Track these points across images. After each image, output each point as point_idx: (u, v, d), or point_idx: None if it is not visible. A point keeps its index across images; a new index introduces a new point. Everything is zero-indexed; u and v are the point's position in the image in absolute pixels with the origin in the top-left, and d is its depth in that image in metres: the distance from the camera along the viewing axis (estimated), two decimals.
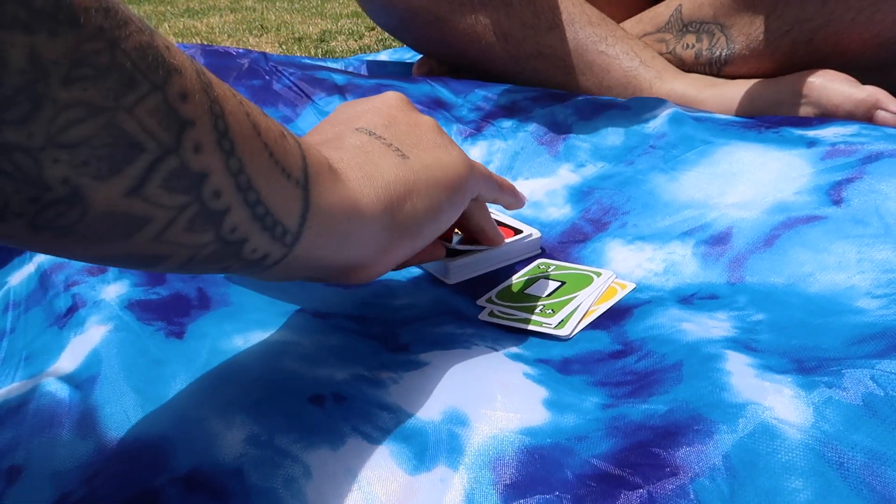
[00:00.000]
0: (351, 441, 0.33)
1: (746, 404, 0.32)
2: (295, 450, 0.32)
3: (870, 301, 0.40)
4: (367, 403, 0.36)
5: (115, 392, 0.35)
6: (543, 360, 0.40)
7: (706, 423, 0.32)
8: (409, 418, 0.35)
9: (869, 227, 0.44)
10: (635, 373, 0.38)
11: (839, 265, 0.43)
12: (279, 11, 2.44)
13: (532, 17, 0.72)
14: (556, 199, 0.59)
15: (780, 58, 0.67)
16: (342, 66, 0.90)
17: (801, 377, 0.34)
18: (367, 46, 1.71)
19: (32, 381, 0.38)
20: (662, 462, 0.30)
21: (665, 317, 0.43)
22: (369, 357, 0.40)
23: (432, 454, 0.33)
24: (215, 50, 0.80)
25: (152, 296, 0.44)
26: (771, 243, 0.46)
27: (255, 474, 0.31)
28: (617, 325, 0.44)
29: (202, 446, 0.32)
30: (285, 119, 0.70)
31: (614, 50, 0.72)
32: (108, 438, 0.33)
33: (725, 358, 0.36)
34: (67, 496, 0.31)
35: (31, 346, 0.41)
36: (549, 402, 0.36)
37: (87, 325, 0.41)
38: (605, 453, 0.32)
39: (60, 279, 0.45)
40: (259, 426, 0.33)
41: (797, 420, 0.31)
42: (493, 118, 0.67)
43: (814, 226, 0.46)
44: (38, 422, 0.35)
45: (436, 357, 0.39)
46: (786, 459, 0.30)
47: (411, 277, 0.52)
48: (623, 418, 0.34)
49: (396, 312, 0.46)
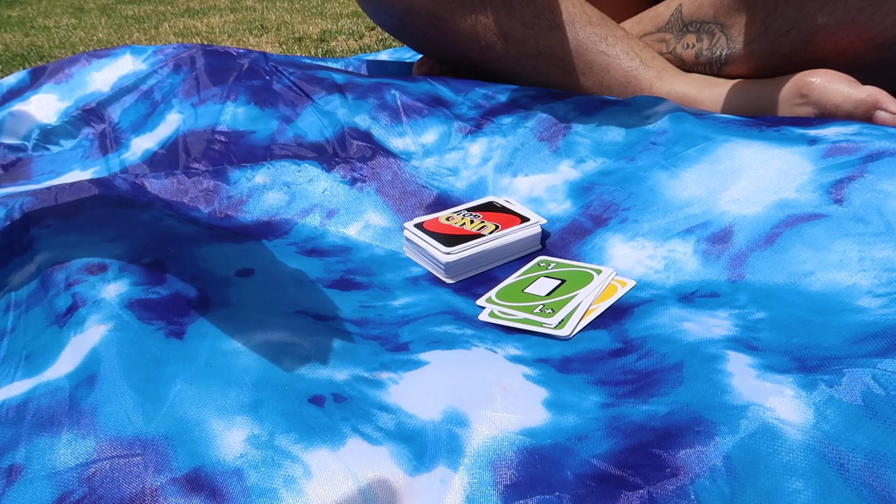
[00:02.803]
0: (351, 441, 0.33)
1: (747, 406, 0.32)
2: (295, 450, 0.32)
3: (871, 300, 0.40)
4: (366, 404, 0.35)
5: (114, 391, 0.35)
6: (543, 359, 0.40)
7: (707, 424, 0.32)
8: (409, 419, 0.35)
9: (870, 225, 0.44)
10: (636, 372, 0.38)
11: (840, 263, 0.43)
12: (279, 11, 2.44)
13: (532, 17, 0.72)
14: (557, 195, 0.58)
15: (781, 58, 0.67)
16: (342, 65, 0.90)
17: (802, 376, 0.33)
18: (368, 46, 1.71)
19: (33, 380, 0.38)
20: (663, 463, 0.30)
21: (666, 316, 0.42)
22: (369, 358, 0.40)
23: (432, 455, 0.33)
24: (215, 50, 0.80)
25: (152, 295, 0.44)
26: (772, 241, 0.46)
27: (255, 474, 0.31)
28: (617, 324, 0.44)
29: (202, 446, 0.32)
30: (286, 119, 0.70)
31: (614, 50, 0.72)
32: (108, 438, 0.33)
33: (727, 359, 0.36)
34: (67, 495, 0.31)
35: (31, 345, 0.41)
36: (549, 402, 0.36)
37: (87, 325, 0.40)
38: (605, 453, 0.32)
39: (61, 278, 0.45)
40: (259, 426, 0.33)
41: (798, 420, 0.31)
42: (493, 115, 0.67)
43: (815, 224, 0.46)
44: (38, 421, 0.35)
45: (435, 357, 0.39)
46: (786, 460, 0.30)
47: (411, 277, 0.52)
48: (623, 418, 0.34)
49: (396, 312, 0.46)
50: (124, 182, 0.60)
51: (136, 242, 0.50)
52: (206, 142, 0.69)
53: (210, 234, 0.54)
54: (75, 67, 0.85)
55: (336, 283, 0.50)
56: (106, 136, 0.76)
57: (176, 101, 0.74)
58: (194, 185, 0.61)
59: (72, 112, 0.80)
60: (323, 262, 0.53)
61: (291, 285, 0.48)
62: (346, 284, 0.50)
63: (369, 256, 0.55)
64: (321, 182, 0.62)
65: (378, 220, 0.59)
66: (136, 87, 0.80)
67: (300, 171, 0.62)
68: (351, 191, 0.61)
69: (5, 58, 1.72)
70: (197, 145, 0.69)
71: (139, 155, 0.72)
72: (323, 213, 0.59)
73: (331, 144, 0.67)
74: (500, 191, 0.61)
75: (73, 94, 0.83)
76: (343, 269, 0.52)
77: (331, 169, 0.63)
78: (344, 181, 0.62)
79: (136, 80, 0.80)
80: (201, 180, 0.62)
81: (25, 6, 2.87)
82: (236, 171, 0.62)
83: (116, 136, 0.75)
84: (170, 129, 0.72)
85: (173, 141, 0.71)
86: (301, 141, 0.68)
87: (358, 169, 0.63)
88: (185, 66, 0.78)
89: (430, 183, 0.62)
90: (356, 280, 0.51)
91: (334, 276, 0.51)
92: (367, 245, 0.56)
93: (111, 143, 0.75)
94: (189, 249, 0.51)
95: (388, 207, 0.60)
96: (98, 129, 0.78)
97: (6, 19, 2.51)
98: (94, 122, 0.79)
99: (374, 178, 0.62)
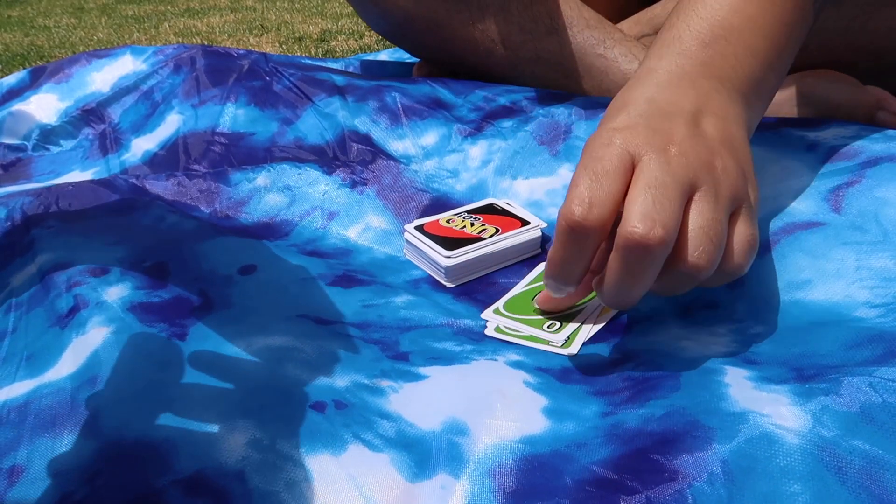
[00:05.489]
0: (352, 448, 0.33)
1: (745, 412, 0.32)
2: (296, 455, 0.33)
3: (868, 310, 0.40)
4: (367, 411, 0.36)
5: (116, 394, 0.36)
6: (543, 368, 0.40)
7: (704, 429, 0.32)
8: (410, 427, 0.35)
9: (868, 233, 0.44)
10: (632, 378, 0.38)
11: (838, 273, 0.43)
12: (279, 11, 2.44)
13: (530, 21, 0.72)
14: (557, 199, 0.59)
15: None
16: (342, 66, 0.90)
17: (799, 386, 0.34)
18: (368, 46, 1.71)
19: (34, 381, 0.38)
20: (661, 467, 0.31)
21: (665, 335, 0.43)
22: (370, 365, 0.40)
23: (433, 463, 0.33)
24: (216, 51, 0.80)
25: (154, 298, 0.44)
26: (770, 249, 0.46)
27: (257, 477, 0.31)
28: (616, 339, 0.44)
29: (204, 449, 0.33)
30: (286, 121, 0.70)
31: (613, 53, 0.72)
32: (110, 440, 0.33)
33: (724, 372, 0.36)
34: (68, 497, 0.31)
35: (32, 346, 0.41)
36: (549, 410, 0.36)
37: (88, 327, 0.41)
38: (603, 459, 0.32)
39: (62, 280, 0.45)
40: (261, 431, 0.34)
41: (795, 426, 0.31)
42: (493, 118, 0.67)
43: (813, 232, 0.46)
44: (40, 422, 0.35)
45: (435, 372, 0.40)
46: (784, 464, 0.30)
47: (411, 279, 0.52)
48: (622, 425, 0.34)
49: (398, 312, 0.46)
50: (125, 183, 0.60)
51: (138, 246, 0.50)
52: (206, 143, 0.69)
53: (213, 230, 0.55)
54: (75, 67, 0.85)
55: (339, 279, 0.50)
56: (106, 136, 0.76)
57: (176, 101, 0.74)
58: (195, 187, 0.61)
59: (72, 112, 0.80)
60: (324, 262, 0.53)
61: (294, 284, 0.48)
62: (349, 281, 0.50)
63: (369, 260, 0.55)
64: (321, 185, 0.62)
65: (378, 222, 0.59)
66: (137, 87, 0.80)
67: (301, 173, 0.63)
68: (351, 194, 0.61)
69: (5, 58, 1.71)
70: (197, 147, 0.69)
71: (139, 156, 0.72)
72: (323, 215, 0.60)
73: (331, 147, 0.67)
74: (500, 193, 0.61)
75: (73, 94, 0.83)
76: (344, 269, 0.52)
77: (331, 172, 0.63)
78: (344, 184, 0.62)
79: (137, 80, 0.80)
80: (202, 182, 0.62)
81: (25, 6, 2.87)
82: (237, 174, 0.63)
83: (116, 137, 0.75)
84: (170, 130, 0.72)
85: (173, 142, 0.71)
86: (301, 143, 0.68)
87: (358, 172, 0.63)
88: (186, 67, 0.78)
89: (429, 185, 0.62)
90: (359, 277, 0.51)
91: (337, 273, 0.51)
92: (367, 248, 0.57)
93: (111, 144, 0.75)
94: (191, 247, 0.51)
95: (389, 210, 0.60)
96: (98, 129, 0.78)
97: (6, 19, 2.50)
98: (94, 123, 0.79)
99: (375, 181, 0.62)
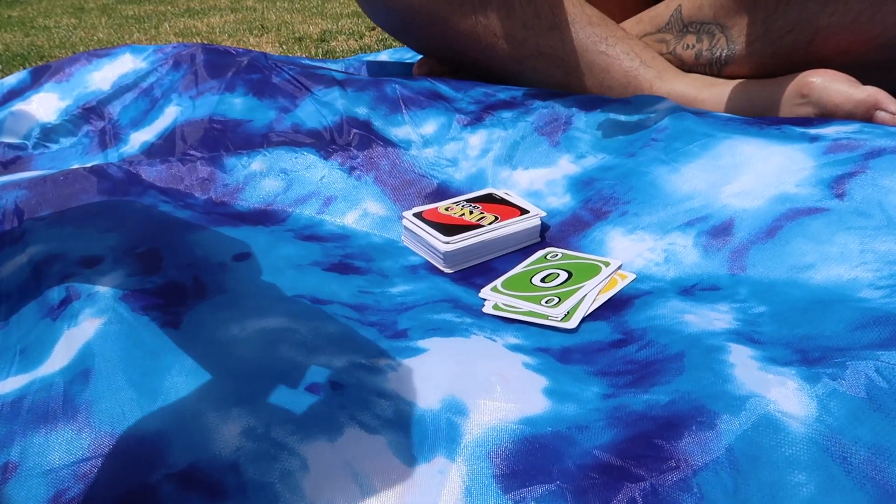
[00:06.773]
0: (349, 431, 0.33)
1: (750, 396, 0.32)
2: (292, 442, 0.32)
3: (872, 292, 0.39)
4: (365, 391, 0.35)
5: (109, 386, 0.35)
6: (543, 349, 0.40)
7: (709, 414, 0.31)
8: (408, 406, 0.34)
9: (871, 219, 0.44)
10: (636, 362, 0.38)
11: (841, 256, 0.42)
12: (280, 11, 2.44)
13: (532, 17, 0.71)
14: (556, 189, 0.58)
15: (781, 58, 0.66)
16: (342, 66, 0.90)
17: (805, 369, 0.33)
18: (368, 46, 1.70)
19: (28, 375, 0.38)
20: (665, 454, 0.30)
21: (666, 308, 0.42)
22: (367, 344, 0.39)
23: (431, 444, 0.32)
24: (215, 49, 0.80)
25: (148, 285, 0.43)
26: (773, 234, 0.46)
27: (252, 469, 0.31)
28: (617, 316, 0.43)
29: (198, 441, 0.32)
30: (284, 109, 0.69)
31: (615, 50, 0.71)
32: (104, 434, 0.33)
33: (728, 350, 0.36)
34: (62, 493, 0.30)
35: (25, 339, 0.41)
36: (549, 390, 0.35)
37: (80, 318, 0.40)
38: (607, 444, 0.31)
39: (55, 271, 0.45)
40: (255, 418, 0.33)
41: (801, 413, 0.31)
42: (493, 109, 0.67)
43: (816, 217, 0.45)
44: (33, 417, 0.34)
45: (434, 344, 0.39)
46: (789, 453, 0.29)
47: (409, 265, 0.51)
48: (624, 408, 0.33)
49: (394, 299, 0.46)
50: (119, 170, 0.60)
51: (131, 232, 0.49)
52: (202, 129, 0.69)
53: (206, 218, 0.54)
54: (76, 67, 0.85)
55: (335, 266, 0.49)
56: (105, 132, 0.76)
57: (175, 95, 0.74)
58: (189, 173, 0.61)
59: (72, 111, 0.80)
60: (321, 247, 0.53)
61: (289, 269, 0.48)
62: (345, 268, 0.49)
63: (367, 245, 0.54)
64: (319, 169, 0.61)
65: (376, 208, 0.59)
66: (136, 84, 0.80)
67: (297, 157, 0.62)
68: (349, 179, 0.61)
69: (5, 58, 1.71)
70: (193, 133, 0.69)
71: (137, 147, 0.71)
72: (320, 200, 0.59)
73: (328, 131, 0.66)
74: (500, 183, 0.60)
75: (73, 93, 0.83)
76: (341, 254, 0.52)
77: (329, 156, 0.62)
78: (342, 169, 0.61)
79: (136, 77, 0.80)
80: (196, 167, 0.61)
81: (25, 6, 2.88)
82: (232, 159, 0.62)
83: (116, 132, 0.75)
84: (168, 121, 0.72)
85: (171, 131, 0.70)
86: (298, 128, 0.67)
87: (356, 157, 0.62)
88: (185, 63, 0.78)
89: (429, 173, 0.62)
90: (355, 265, 0.50)
91: (333, 260, 0.51)
92: (364, 234, 0.56)
93: (110, 139, 0.74)
94: (184, 236, 0.50)
95: (387, 196, 0.60)
96: (98, 126, 0.78)
97: (6, 19, 2.51)
98: (94, 120, 0.78)
99: (373, 166, 0.62)
